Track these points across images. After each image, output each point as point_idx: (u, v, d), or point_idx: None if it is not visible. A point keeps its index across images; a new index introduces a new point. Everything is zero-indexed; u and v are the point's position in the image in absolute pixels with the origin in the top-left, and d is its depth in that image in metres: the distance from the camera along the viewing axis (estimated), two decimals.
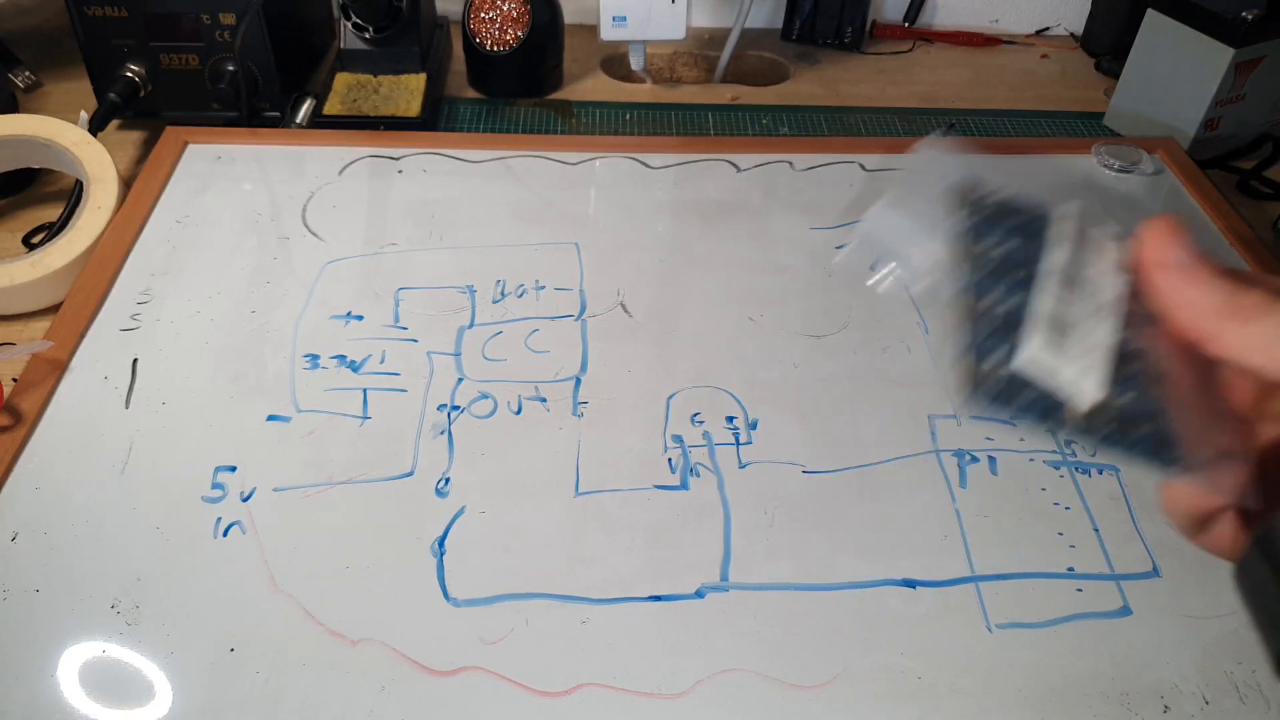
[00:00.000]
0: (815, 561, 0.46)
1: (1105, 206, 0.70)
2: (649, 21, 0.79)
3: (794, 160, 0.73)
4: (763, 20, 0.97)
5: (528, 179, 0.69)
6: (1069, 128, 0.85)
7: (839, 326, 0.59)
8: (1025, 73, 0.93)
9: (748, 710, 0.40)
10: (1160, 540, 0.48)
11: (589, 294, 0.60)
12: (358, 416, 0.51)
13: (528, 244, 0.63)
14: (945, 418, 0.53)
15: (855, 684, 0.41)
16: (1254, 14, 0.71)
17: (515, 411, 0.52)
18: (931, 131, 0.82)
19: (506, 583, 0.44)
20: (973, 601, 0.45)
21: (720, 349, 0.57)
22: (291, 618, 0.42)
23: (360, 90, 0.76)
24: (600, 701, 0.40)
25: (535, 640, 0.42)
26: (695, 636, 0.43)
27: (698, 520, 0.47)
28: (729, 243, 0.65)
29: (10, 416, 0.50)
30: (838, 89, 0.88)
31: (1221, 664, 0.43)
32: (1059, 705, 0.41)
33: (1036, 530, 0.48)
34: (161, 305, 0.57)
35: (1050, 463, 0.51)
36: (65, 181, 0.69)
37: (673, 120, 0.82)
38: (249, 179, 0.68)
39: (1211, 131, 0.78)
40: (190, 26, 0.70)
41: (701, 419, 0.52)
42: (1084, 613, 0.44)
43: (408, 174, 0.69)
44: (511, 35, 0.80)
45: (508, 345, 0.56)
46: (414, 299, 0.59)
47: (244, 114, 0.73)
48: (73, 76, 0.81)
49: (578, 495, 0.48)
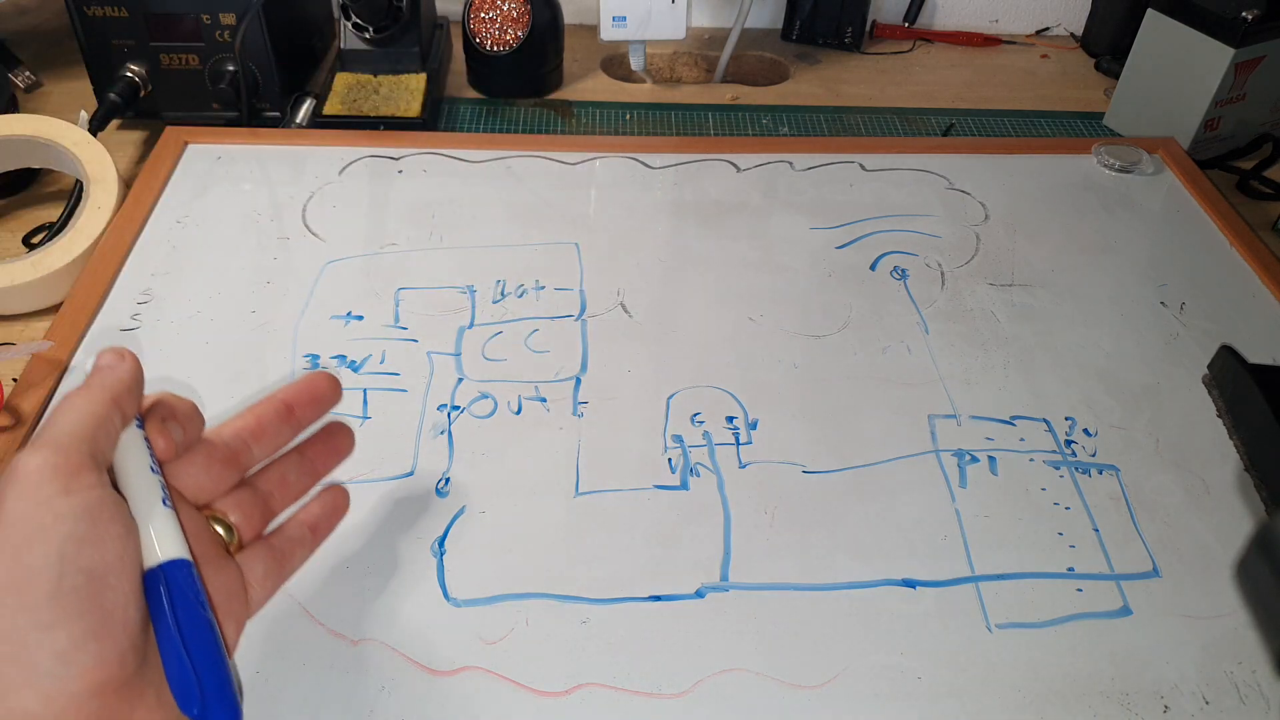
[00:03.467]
0: (815, 561, 0.46)
1: (1105, 207, 0.70)
2: (649, 21, 0.79)
3: (794, 160, 0.73)
4: (763, 20, 0.97)
5: (528, 179, 0.69)
6: (1069, 128, 0.85)
7: (839, 326, 0.59)
8: (1025, 73, 0.93)
9: (748, 710, 0.40)
10: (1160, 540, 0.48)
11: (589, 294, 0.60)
12: (358, 416, 0.51)
13: (528, 244, 0.64)
14: (945, 418, 0.53)
15: (855, 684, 0.41)
16: (1254, 14, 0.71)
17: (515, 411, 0.52)
18: (931, 131, 0.82)
19: (506, 583, 0.44)
20: (973, 601, 0.45)
21: (720, 349, 0.57)
22: (291, 617, 0.42)
23: (360, 90, 0.76)
24: (600, 701, 0.40)
25: (535, 640, 0.42)
26: (695, 636, 0.43)
27: (698, 520, 0.47)
28: (729, 243, 0.65)
29: (10, 416, 0.50)
30: (838, 89, 0.88)
31: (1221, 664, 0.43)
32: (1059, 705, 0.41)
33: (1036, 530, 0.48)
34: (162, 305, 0.57)
35: (1050, 463, 0.51)
36: (65, 181, 0.69)
37: (673, 120, 0.82)
38: (249, 179, 0.68)
39: (1211, 131, 0.78)
40: (190, 26, 0.70)
41: (701, 419, 0.52)
42: (1084, 613, 0.44)
43: (408, 174, 0.69)
44: (511, 35, 0.80)
45: (508, 345, 0.56)
46: (414, 299, 0.59)
47: (244, 114, 0.73)
48: (73, 76, 0.81)
49: (578, 495, 0.48)
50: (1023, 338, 0.59)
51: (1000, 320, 0.60)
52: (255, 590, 0.32)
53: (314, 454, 0.35)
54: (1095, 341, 0.59)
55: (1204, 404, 0.55)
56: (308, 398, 0.35)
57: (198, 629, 0.27)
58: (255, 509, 0.33)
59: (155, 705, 0.26)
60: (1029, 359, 0.57)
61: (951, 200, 0.70)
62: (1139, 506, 0.49)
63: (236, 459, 0.32)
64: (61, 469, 0.26)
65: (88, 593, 0.25)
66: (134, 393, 0.29)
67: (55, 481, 0.25)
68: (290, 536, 0.34)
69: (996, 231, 0.67)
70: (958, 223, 0.68)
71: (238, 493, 0.32)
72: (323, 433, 0.36)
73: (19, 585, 0.24)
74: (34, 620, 0.24)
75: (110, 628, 0.25)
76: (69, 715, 0.24)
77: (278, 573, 0.33)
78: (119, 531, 0.26)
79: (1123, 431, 0.53)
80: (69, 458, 0.26)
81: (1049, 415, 0.54)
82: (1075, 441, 0.52)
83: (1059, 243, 0.67)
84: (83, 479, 0.26)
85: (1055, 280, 0.63)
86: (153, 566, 0.27)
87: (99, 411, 0.28)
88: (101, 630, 0.24)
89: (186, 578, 0.27)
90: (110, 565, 0.25)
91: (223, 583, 0.30)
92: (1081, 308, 0.61)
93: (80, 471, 0.26)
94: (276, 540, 0.33)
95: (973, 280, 0.63)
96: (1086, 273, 0.64)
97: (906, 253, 0.65)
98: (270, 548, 0.33)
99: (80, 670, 0.24)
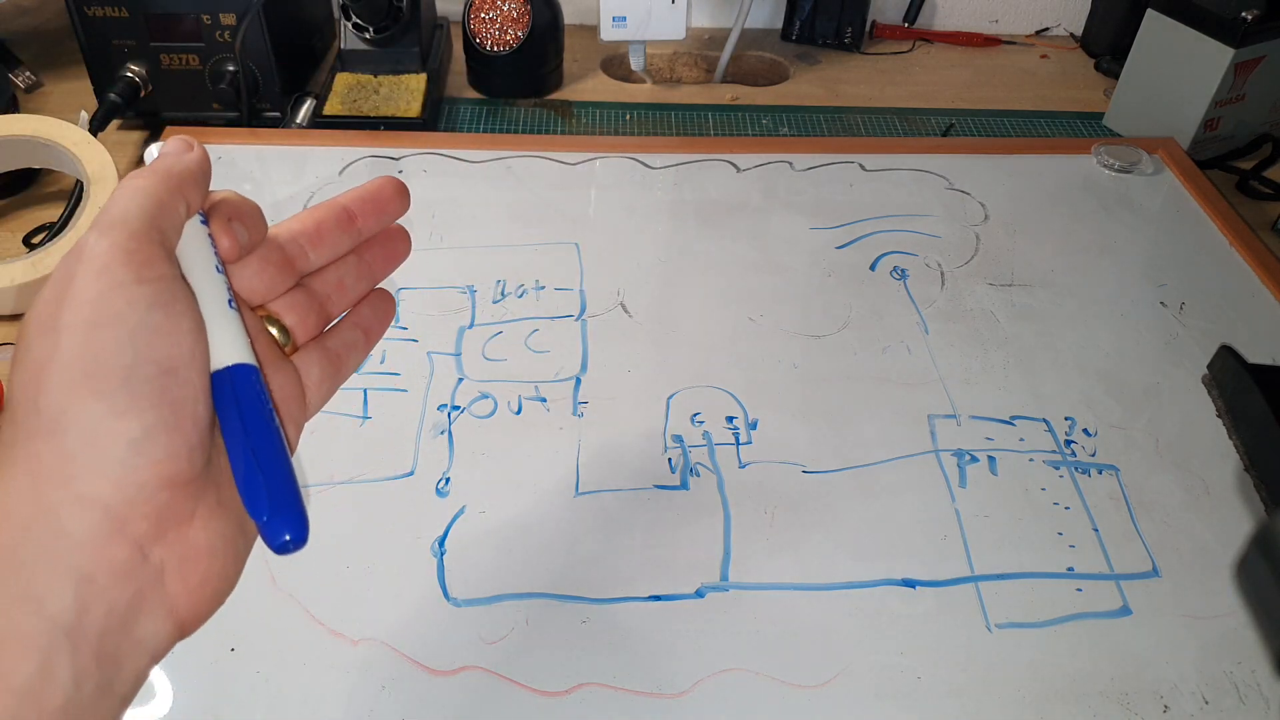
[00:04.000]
0: (815, 561, 0.46)
1: (1105, 207, 0.70)
2: (649, 22, 0.79)
3: (794, 160, 0.73)
4: (763, 20, 0.97)
5: (528, 179, 0.69)
6: (1069, 128, 0.85)
7: (839, 326, 0.59)
8: (1025, 73, 0.93)
9: (748, 710, 0.40)
10: (1160, 540, 0.48)
11: (589, 294, 0.60)
12: (358, 416, 0.51)
13: (528, 244, 0.64)
14: (945, 418, 0.53)
15: (855, 684, 0.41)
16: (1254, 14, 0.71)
17: (515, 411, 0.52)
18: (931, 131, 0.82)
19: (507, 582, 0.44)
20: (972, 601, 0.45)
21: (720, 349, 0.57)
22: (292, 617, 0.42)
23: (360, 90, 0.76)
24: (600, 701, 0.40)
25: (535, 640, 0.42)
26: (695, 636, 0.43)
27: (698, 520, 0.47)
28: (729, 243, 0.65)
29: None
30: (837, 89, 0.88)
31: (1221, 664, 0.43)
32: (1059, 705, 0.41)
33: (1036, 530, 0.48)
34: None
35: (1050, 463, 0.51)
36: (65, 181, 0.69)
37: (673, 120, 0.82)
38: (249, 179, 0.68)
39: (1211, 131, 0.78)
40: (190, 27, 0.70)
41: (701, 419, 0.52)
42: (1084, 613, 0.44)
43: (408, 174, 0.69)
44: (511, 35, 0.80)
45: (508, 345, 0.56)
46: (414, 299, 0.59)
47: (244, 114, 0.73)
48: (73, 76, 0.81)
49: (578, 495, 0.48)
50: (1023, 338, 0.59)
51: (1000, 320, 0.60)
52: (312, 393, 0.31)
53: (371, 256, 0.33)
54: (1095, 341, 0.59)
55: (1204, 404, 0.55)
56: (372, 206, 0.32)
57: (265, 435, 0.26)
58: (311, 311, 0.31)
59: (215, 506, 0.25)
60: (1029, 359, 0.57)
61: (951, 200, 0.70)
62: (1139, 506, 0.49)
63: (293, 263, 0.31)
64: (134, 255, 0.24)
65: (160, 384, 0.24)
66: (200, 183, 0.28)
67: (128, 267, 0.24)
68: (344, 340, 0.32)
69: (996, 231, 0.67)
70: (957, 223, 0.68)
71: (293, 294, 0.31)
72: (381, 235, 0.34)
73: (91, 370, 0.23)
74: (108, 406, 0.23)
75: (180, 422, 0.24)
76: (137, 505, 0.23)
77: (334, 375, 0.32)
78: (190, 326, 0.25)
79: (1123, 431, 0.53)
80: (140, 244, 0.25)
81: (1049, 415, 0.54)
82: (1075, 441, 0.52)
83: (1059, 243, 0.67)
84: (155, 267, 0.25)
85: (1055, 280, 0.63)
86: (219, 369, 0.26)
87: (164, 197, 0.26)
88: (173, 423, 0.24)
89: (254, 383, 0.27)
90: (182, 359, 0.25)
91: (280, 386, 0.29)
92: (1081, 308, 0.61)
93: (153, 260, 0.25)
94: (331, 343, 0.32)
95: (972, 280, 0.63)
96: (1086, 273, 0.64)
97: (906, 253, 0.65)
98: (325, 350, 0.31)
99: (150, 461, 0.23)
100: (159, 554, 0.24)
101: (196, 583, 0.25)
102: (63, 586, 0.22)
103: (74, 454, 0.23)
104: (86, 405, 0.23)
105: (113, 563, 0.23)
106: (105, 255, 0.24)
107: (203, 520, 0.25)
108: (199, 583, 0.25)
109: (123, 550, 0.23)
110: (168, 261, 0.26)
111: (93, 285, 0.24)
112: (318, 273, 0.32)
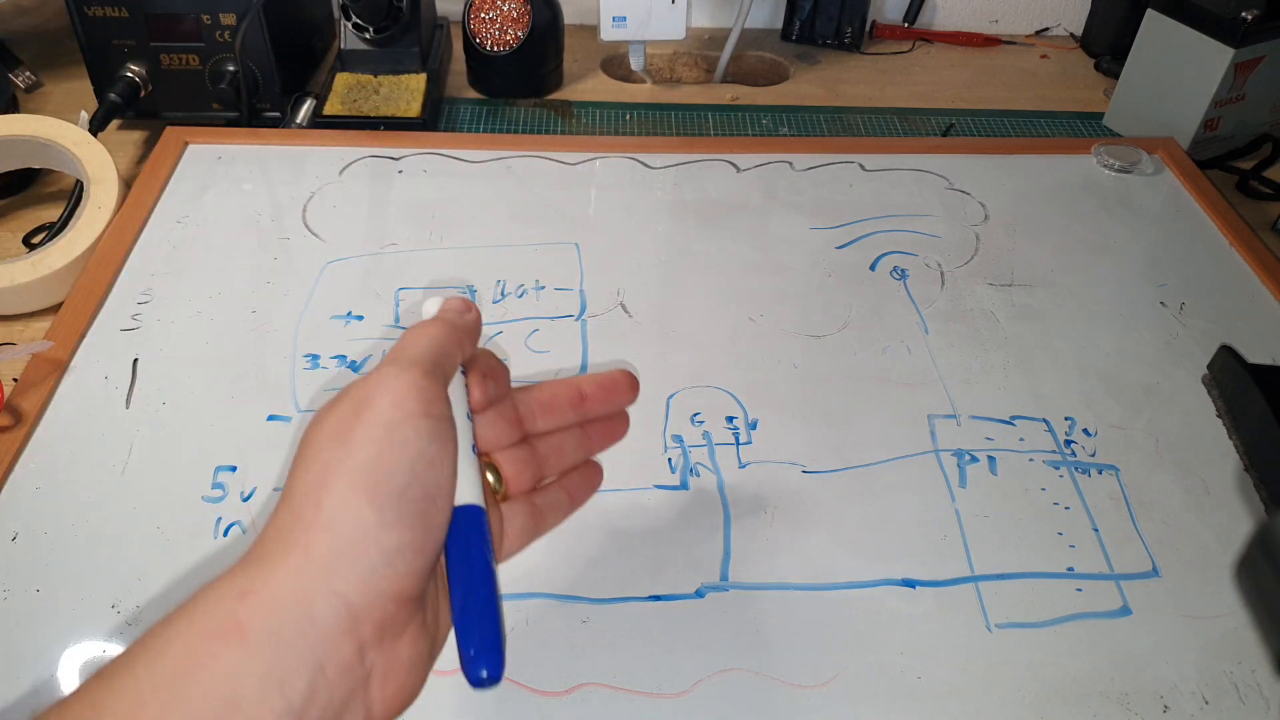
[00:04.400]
0: (815, 561, 0.46)
1: (1105, 207, 0.70)
2: (649, 22, 0.79)
3: (794, 160, 0.73)
4: (763, 20, 0.97)
5: (528, 179, 0.69)
6: (1069, 128, 0.85)
7: (839, 326, 0.59)
8: (1025, 73, 0.93)
9: (748, 710, 0.40)
10: (1160, 540, 0.48)
11: (589, 294, 0.60)
12: None
13: (528, 244, 0.64)
14: (945, 418, 0.53)
15: (855, 684, 0.41)
16: (1254, 14, 0.71)
17: None
18: (931, 132, 0.82)
19: (506, 582, 0.44)
20: (972, 601, 0.45)
21: (720, 349, 0.57)
22: None
23: (360, 90, 0.76)
24: (600, 701, 0.40)
25: (535, 640, 0.42)
26: (695, 636, 0.43)
27: (698, 520, 0.47)
28: (729, 243, 0.65)
29: (10, 416, 0.50)
30: (837, 89, 0.88)
31: (1221, 664, 0.43)
32: (1059, 705, 0.41)
33: (1036, 530, 0.48)
34: (162, 305, 0.57)
35: (1050, 463, 0.51)
36: (65, 181, 0.69)
37: (673, 120, 0.82)
38: (249, 179, 0.68)
39: (1211, 131, 0.78)
40: (190, 26, 0.70)
41: (701, 419, 0.52)
42: (1084, 613, 0.44)
43: (408, 174, 0.69)
44: (511, 35, 0.80)
45: (508, 345, 0.56)
46: (414, 299, 0.59)
47: (244, 114, 0.73)
48: (73, 76, 0.81)
49: None
50: (1022, 338, 0.59)
51: (1000, 320, 0.60)
52: (510, 541, 0.33)
53: (593, 431, 0.37)
54: (1095, 341, 0.59)
55: (1204, 404, 0.55)
56: (604, 394, 0.36)
57: (484, 574, 0.29)
58: (528, 468, 0.34)
59: (421, 627, 0.27)
60: (1029, 359, 0.57)
61: (951, 200, 0.70)
62: (1139, 506, 0.49)
63: (522, 423, 0.34)
64: (425, 391, 0.28)
65: (422, 508, 0.27)
66: (474, 339, 0.32)
67: (420, 400, 0.28)
68: (550, 500, 0.35)
69: (996, 231, 0.67)
70: (957, 223, 0.68)
71: (516, 448, 0.34)
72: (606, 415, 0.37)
73: (373, 483, 0.26)
74: (379, 518, 0.25)
75: (427, 545, 0.27)
76: (372, 611, 0.25)
77: (533, 530, 0.34)
78: (452, 462, 0.28)
79: (1122, 431, 0.53)
80: (432, 381, 0.28)
81: (1049, 415, 0.54)
82: (1075, 441, 0.52)
83: (1059, 243, 0.67)
84: (438, 405, 0.28)
85: (1055, 280, 0.63)
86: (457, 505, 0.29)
87: (448, 346, 0.30)
88: (422, 544, 0.26)
89: (482, 524, 0.29)
90: (442, 490, 0.28)
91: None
92: (1081, 308, 0.61)
93: (437, 398, 0.28)
94: (539, 500, 0.34)
95: (972, 280, 0.63)
96: (1086, 273, 0.64)
97: (906, 253, 0.65)
98: (532, 505, 0.34)
99: (395, 573, 0.25)
100: (371, 659, 0.26)
101: (392, 692, 0.26)
102: (303, 672, 0.24)
103: (340, 552, 0.25)
104: (363, 512, 0.25)
105: (341, 658, 0.25)
106: (403, 388, 0.28)
107: (411, 637, 0.27)
108: (394, 692, 0.26)
109: (350, 649, 0.25)
110: (446, 402, 0.29)
111: (389, 411, 0.27)
112: (542, 435, 0.35)
